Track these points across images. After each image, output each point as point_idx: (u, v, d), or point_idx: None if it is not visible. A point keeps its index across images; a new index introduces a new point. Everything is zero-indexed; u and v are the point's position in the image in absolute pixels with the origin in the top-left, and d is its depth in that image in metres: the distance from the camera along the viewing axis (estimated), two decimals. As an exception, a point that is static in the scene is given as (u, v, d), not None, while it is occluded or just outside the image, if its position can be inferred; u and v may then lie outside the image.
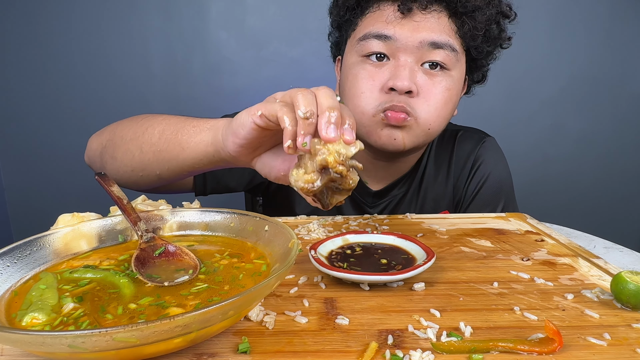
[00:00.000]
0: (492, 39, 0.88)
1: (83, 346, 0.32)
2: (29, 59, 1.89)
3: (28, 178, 2.03)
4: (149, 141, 0.74)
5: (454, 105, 0.88)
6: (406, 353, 0.42)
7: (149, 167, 0.75)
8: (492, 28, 0.87)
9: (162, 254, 0.53)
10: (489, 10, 0.85)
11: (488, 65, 0.96)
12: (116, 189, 0.60)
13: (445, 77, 0.84)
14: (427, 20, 0.82)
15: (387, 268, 0.57)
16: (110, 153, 0.80)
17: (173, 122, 0.74)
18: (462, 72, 0.88)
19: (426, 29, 0.82)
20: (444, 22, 0.83)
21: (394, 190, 0.99)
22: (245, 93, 1.97)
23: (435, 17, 0.83)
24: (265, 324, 0.46)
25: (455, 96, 0.88)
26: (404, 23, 0.82)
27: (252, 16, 1.91)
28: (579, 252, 0.67)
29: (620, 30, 1.98)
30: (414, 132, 0.85)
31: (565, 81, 2.03)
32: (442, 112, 0.85)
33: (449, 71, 0.84)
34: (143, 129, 0.76)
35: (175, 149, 0.71)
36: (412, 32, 0.82)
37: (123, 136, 0.79)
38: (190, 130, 0.69)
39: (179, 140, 0.70)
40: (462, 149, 1.01)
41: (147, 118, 0.78)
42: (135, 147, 0.76)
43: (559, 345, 0.42)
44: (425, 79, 0.83)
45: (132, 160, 0.76)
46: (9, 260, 0.48)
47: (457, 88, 0.87)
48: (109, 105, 1.92)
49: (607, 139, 2.11)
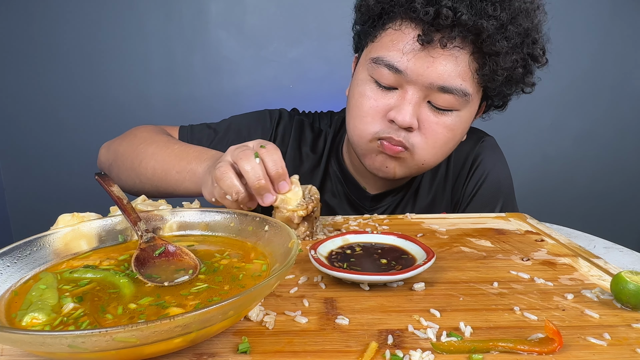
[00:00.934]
0: (513, 82, 0.83)
1: (83, 346, 0.32)
2: (29, 59, 1.89)
3: (28, 178, 2.03)
4: (144, 175, 0.85)
5: (455, 143, 0.86)
6: (406, 353, 0.42)
7: (150, 193, 0.86)
8: (516, 72, 0.80)
9: (162, 254, 0.53)
10: (516, 55, 0.77)
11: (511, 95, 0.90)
12: (116, 189, 0.60)
13: (451, 117, 0.81)
14: (444, 57, 0.76)
15: (387, 268, 0.57)
16: (116, 173, 0.91)
17: (161, 159, 0.83)
18: (473, 110, 0.84)
19: (439, 69, 0.76)
20: (462, 62, 0.77)
21: (391, 194, 0.99)
22: (245, 93, 1.97)
23: (454, 55, 0.76)
24: (265, 324, 0.46)
25: (460, 134, 0.85)
26: (420, 57, 0.76)
27: (252, 16, 1.91)
28: (579, 252, 0.67)
29: (620, 30, 1.98)
30: (407, 165, 0.84)
31: (565, 81, 2.03)
32: (440, 150, 0.84)
33: (458, 111, 0.81)
34: (138, 162, 0.86)
35: (169, 189, 0.83)
36: (425, 69, 0.76)
37: (124, 162, 0.89)
38: (175, 176, 0.80)
39: (169, 183, 0.81)
40: (461, 148, 0.99)
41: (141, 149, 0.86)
42: (134, 176, 0.87)
43: (559, 345, 0.42)
44: (429, 116, 0.80)
45: (134, 186, 0.88)
46: (9, 260, 0.48)
47: (463, 127, 0.84)
48: (109, 105, 1.93)
49: (607, 139, 2.11)
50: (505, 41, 0.75)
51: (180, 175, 0.79)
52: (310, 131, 1.03)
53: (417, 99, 0.79)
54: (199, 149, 0.82)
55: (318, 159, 1.02)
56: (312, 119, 1.05)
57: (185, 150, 0.82)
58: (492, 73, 0.77)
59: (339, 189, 1.00)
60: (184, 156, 0.80)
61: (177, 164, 0.80)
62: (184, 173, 0.78)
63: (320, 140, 1.03)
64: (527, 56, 0.80)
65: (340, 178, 1.00)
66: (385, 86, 0.81)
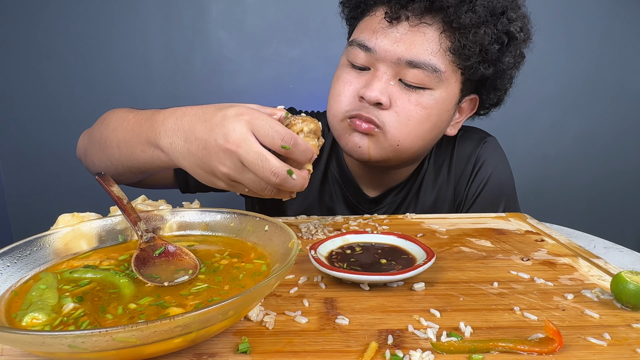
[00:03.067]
0: (490, 61, 0.81)
1: (83, 346, 0.32)
2: (28, 59, 1.89)
3: (28, 178, 2.03)
4: (113, 155, 0.75)
5: (432, 125, 0.83)
6: (406, 353, 0.42)
7: (126, 175, 0.77)
8: (491, 49, 0.79)
9: (162, 254, 0.53)
10: (487, 29, 0.77)
11: (503, 88, 0.89)
12: (116, 189, 0.60)
13: (423, 95, 0.80)
14: (412, 34, 0.78)
15: (387, 268, 0.57)
16: (90, 158, 0.83)
17: (121, 136, 0.72)
18: (451, 92, 0.82)
19: (407, 44, 0.78)
20: (431, 38, 0.78)
21: (390, 196, 0.98)
22: (245, 93, 1.97)
23: (422, 31, 0.78)
24: (265, 324, 0.46)
25: (436, 116, 0.82)
26: (388, 33, 0.79)
27: (252, 16, 1.91)
28: (579, 252, 0.67)
29: (620, 30, 1.98)
30: (380, 145, 0.82)
31: (565, 81, 2.03)
32: (414, 129, 0.81)
33: (431, 90, 0.80)
34: (103, 141, 0.76)
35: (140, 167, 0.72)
36: (392, 45, 0.78)
37: (94, 144, 0.80)
38: (140, 155, 0.68)
39: (137, 161, 0.70)
40: (463, 150, 0.99)
41: (105, 125, 0.77)
42: (105, 158, 0.77)
43: (559, 345, 0.42)
44: (400, 93, 0.80)
45: (107, 169, 0.78)
46: (9, 260, 0.48)
47: (439, 108, 0.82)
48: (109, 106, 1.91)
49: (607, 139, 2.11)
50: (471, 13, 0.76)
51: (147, 154, 0.67)
52: None
53: (387, 76, 0.80)
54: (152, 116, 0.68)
55: (316, 159, 1.01)
56: None
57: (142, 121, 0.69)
58: (462, 48, 0.77)
59: (337, 191, 0.99)
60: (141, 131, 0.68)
61: (138, 141, 0.68)
62: (149, 151, 0.67)
63: None
64: (501, 33, 0.79)
65: (339, 180, 1.00)
66: (358, 67, 0.83)
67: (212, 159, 0.58)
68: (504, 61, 0.82)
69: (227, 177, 0.58)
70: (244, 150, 0.55)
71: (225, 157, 0.57)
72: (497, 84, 0.87)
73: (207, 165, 0.59)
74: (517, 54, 0.84)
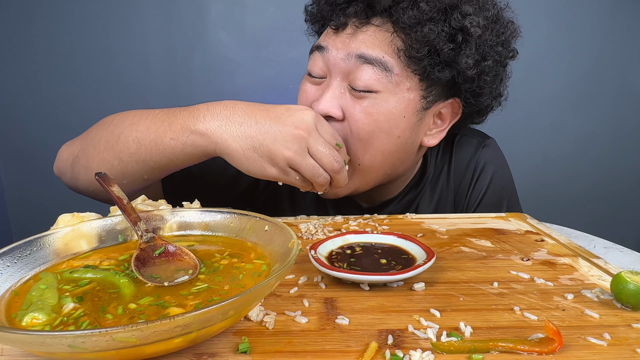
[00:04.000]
0: (445, 62, 0.75)
1: (83, 346, 0.32)
2: (28, 59, 1.89)
3: (28, 178, 2.03)
4: (126, 151, 0.71)
5: (385, 134, 0.76)
6: (406, 353, 0.42)
7: (134, 175, 0.74)
8: (444, 48, 0.73)
9: (162, 254, 0.53)
10: (433, 26, 0.72)
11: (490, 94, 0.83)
12: (116, 189, 0.60)
13: (372, 101, 0.75)
14: (363, 33, 0.76)
15: (387, 268, 0.57)
16: (84, 163, 0.76)
17: (144, 127, 0.70)
18: (405, 98, 0.76)
19: (357, 41, 0.76)
20: (381, 37, 0.75)
21: (388, 207, 0.94)
22: (245, 93, 1.97)
23: (372, 31, 0.76)
24: (265, 324, 0.46)
25: (386, 123, 0.75)
26: (339, 35, 0.78)
27: (252, 16, 1.91)
28: (579, 252, 0.67)
29: (620, 30, 1.98)
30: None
31: (565, 81, 2.03)
32: (368, 145, 0.76)
33: (380, 93, 0.75)
34: (115, 137, 0.73)
35: (163, 160, 0.70)
36: (342, 44, 0.77)
37: (96, 145, 0.75)
38: (169, 142, 0.68)
39: (163, 152, 0.69)
40: (461, 155, 0.95)
41: (116, 123, 0.74)
42: (112, 157, 0.73)
43: (559, 345, 0.42)
44: (352, 103, 0.76)
45: (111, 170, 0.73)
46: (9, 260, 0.48)
47: (388, 114, 0.75)
48: (109, 106, 1.92)
49: (607, 139, 2.11)
50: (413, 10, 0.72)
51: (177, 142, 0.67)
52: None
53: (337, 85, 0.77)
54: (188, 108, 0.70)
55: None
56: None
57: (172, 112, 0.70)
58: (410, 48, 0.73)
59: (331, 202, 0.95)
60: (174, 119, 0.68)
61: (169, 129, 0.68)
62: (182, 137, 0.67)
63: None
64: (455, 30, 0.73)
65: None
66: (317, 77, 0.81)
67: (277, 142, 0.63)
68: (461, 62, 0.74)
69: (287, 161, 0.64)
70: (314, 138, 0.64)
71: (292, 142, 0.63)
72: (475, 87, 0.79)
73: (267, 149, 0.63)
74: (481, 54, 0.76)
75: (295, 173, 0.67)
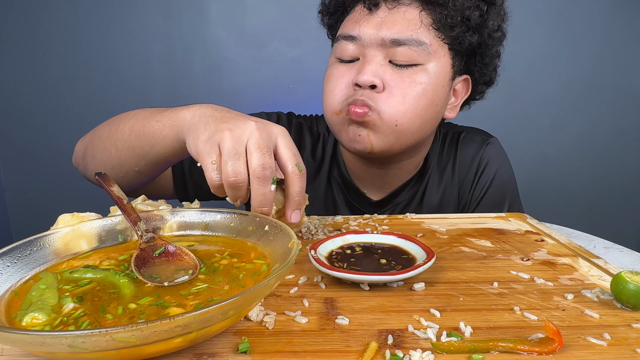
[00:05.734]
0: (474, 28, 0.84)
1: (83, 346, 0.32)
2: (29, 59, 1.89)
3: (28, 178, 2.03)
4: (121, 138, 0.75)
5: (429, 101, 0.82)
6: (406, 353, 0.42)
7: (127, 164, 0.76)
8: (472, 15, 0.82)
9: (162, 254, 0.53)
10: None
11: (492, 63, 0.91)
12: (116, 189, 0.60)
13: (415, 71, 0.81)
14: (391, 15, 0.81)
15: (387, 268, 0.57)
16: (91, 153, 0.82)
17: (141, 116, 0.74)
18: (442, 66, 0.83)
19: (389, 24, 0.80)
20: (411, 16, 0.81)
21: (395, 199, 0.97)
22: (245, 93, 1.97)
23: (402, 11, 0.81)
24: (265, 324, 0.46)
25: (432, 92, 0.82)
26: (370, 19, 0.81)
27: (252, 16, 1.91)
28: (579, 252, 0.67)
29: (620, 30, 1.98)
30: (380, 130, 0.81)
31: (565, 81, 2.03)
32: (411, 106, 0.80)
33: (422, 65, 0.81)
34: (116, 127, 0.77)
35: (146, 145, 0.72)
36: (375, 29, 0.80)
37: (100, 135, 0.80)
38: (154, 125, 0.71)
39: (146, 136, 0.72)
40: (466, 152, 0.99)
41: (121, 116, 0.79)
42: (110, 145, 0.77)
43: (559, 345, 0.42)
44: (393, 74, 0.80)
45: (110, 158, 0.77)
46: (9, 260, 0.48)
47: (433, 82, 0.82)
48: (109, 106, 1.92)
49: (606, 139, 2.11)
50: None
51: (160, 123, 0.69)
52: (309, 135, 1.02)
53: (378, 59, 0.81)
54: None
55: (318, 165, 1.00)
56: (310, 122, 1.04)
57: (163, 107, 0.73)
58: (445, 19, 0.80)
59: (341, 197, 0.98)
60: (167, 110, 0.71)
61: (158, 113, 0.71)
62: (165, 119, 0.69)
63: (319, 145, 1.01)
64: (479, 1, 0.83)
65: (341, 185, 0.99)
66: (347, 60, 0.84)
67: (231, 122, 0.59)
68: (488, 25, 0.85)
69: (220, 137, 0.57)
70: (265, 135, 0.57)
71: (245, 128, 0.57)
72: (486, 58, 0.89)
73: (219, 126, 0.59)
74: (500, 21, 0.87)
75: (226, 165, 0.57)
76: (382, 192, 0.97)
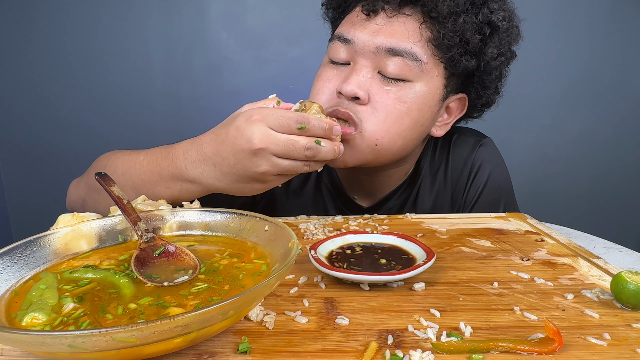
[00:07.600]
0: (472, 52, 0.79)
1: (83, 346, 0.32)
2: (29, 59, 1.89)
3: (28, 178, 2.03)
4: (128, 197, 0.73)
5: (413, 121, 0.79)
6: (406, 353, 0.42)
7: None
8: (473, 39, 0.77)
9: (162, 254, 0.53)
10: (467, 17, 0.76)
11: (493, 86, 0.87)
12: (116, 189, 0.60)
13: (402, 88, 0.77)
14: (391, 23, 0.77)
15: (387, 268, 0.57)
16: (92, 207, 0.78)
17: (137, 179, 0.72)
18: (432, 86, 0.79)
19: (386, 33, 0.76)
20: (411, 28, 0.77)
21: (386, 204, 0.95)
22: (245, 93, 1.97)
23: (402, 21, 0.77)
24: (265, 324, 0.46)
25: (417, 111, 0.78)
26: (366, 25, 0.78)
27: (252, 16, 1.91)
28: (579, 252, 0.67)
29: (620, 30, 1.98)
30: (358, 148, 0.77)
31: (565, 81, 2.03)
32: (393, 126, 0.77)
33: (411, 82, 0.77)
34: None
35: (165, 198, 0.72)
36: (370, 35, 0.77)
37: (97, 193, 0.76)
38: (164, 192, 0.71)
39: (162, 197, 0.71)
40: (458, 154, 0.96)
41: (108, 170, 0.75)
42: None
43: (559, 345, 0.42)
44: (379, 87, 0.77)
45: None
46: (9, 260, 0.48)
47: (419, 102, 0.78)
48: (109, 106, 1.93)
49: (607, 139, 2.11)
50: (450, 1, 0.76)
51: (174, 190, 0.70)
52: None
53: (366, 70, 0.77)
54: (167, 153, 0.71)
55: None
56: None
57: (156, 161, 0.72)
58: (443, 39, 0.76)
59: (331, 203, 0.96)
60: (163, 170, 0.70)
61: (161, 180, 0.70)
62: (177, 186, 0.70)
63: None
64: (483, 23, 0.78)
65: (331, 190, 0.96)
66: (339, 62, 0.81)
67: (247, 167, 0.63)
68: (487, 52, 0.80)
69: (267, 174, 0.64)
70: (273, 144, 0.62)
71: (258, 159, 0.62)
72: (485, 81, 0.85)
73: (245, 176, 0.64)
74: (503, 47, 0.82)
75: (282, 177, 0.67)
76: (372, 198, 0.95)
